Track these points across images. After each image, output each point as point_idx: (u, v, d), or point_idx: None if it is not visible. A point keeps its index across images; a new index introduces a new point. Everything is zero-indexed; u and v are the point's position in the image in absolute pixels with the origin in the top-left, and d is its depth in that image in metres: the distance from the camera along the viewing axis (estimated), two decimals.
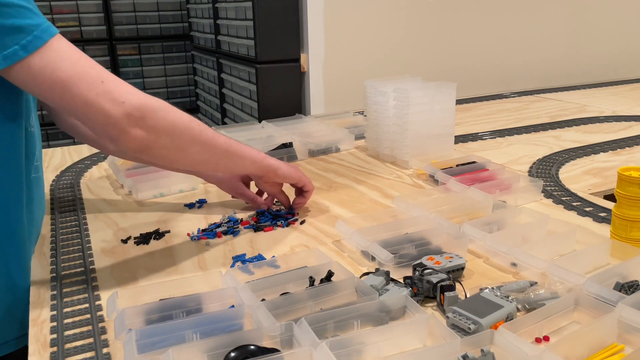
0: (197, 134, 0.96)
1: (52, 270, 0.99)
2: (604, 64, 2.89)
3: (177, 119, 0.93)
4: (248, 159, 1.08)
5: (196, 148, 0.97)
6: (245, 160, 1.08)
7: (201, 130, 0.97)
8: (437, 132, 1.53)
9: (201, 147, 0.98)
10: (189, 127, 0.94)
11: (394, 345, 0.73)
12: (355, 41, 2.25)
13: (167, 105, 0.92)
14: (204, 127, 0.98)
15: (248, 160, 1.09)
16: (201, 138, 0.97)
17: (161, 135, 0.90)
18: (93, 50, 3.08)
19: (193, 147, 0.96)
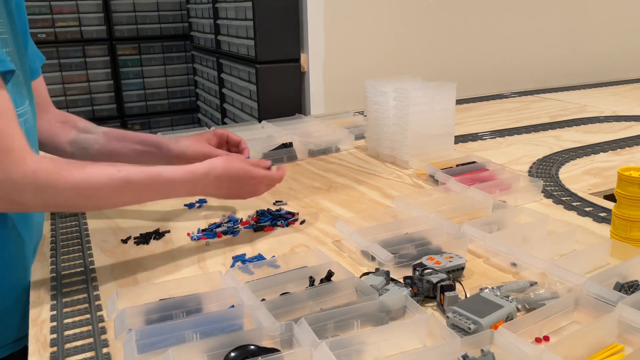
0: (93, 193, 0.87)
1: (52, 270, 0.99)
2: (604, 64, 2.89)
3: (66, 190, 0.84)
4: (178, 184, 0.97)
5: (109, 200, 0.91)
6: (176, 187, 0.98)
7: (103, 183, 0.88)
8: (437, 132, 1.53)
9: (115, 196, 0.90)
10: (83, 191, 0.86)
11: (394, 345, 0.73)
12: (355, 41, 2.25)
13: (56, 176, 0.83)
14: (117, 189, 0.89)
15: (178, 185, 0.98)
16: (107, 190, 0.88)
17: (57, 202, 0.86)
18: (93, 50, 3.08)
19: (103, 200, 0.90)
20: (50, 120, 1.18)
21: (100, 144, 1.18)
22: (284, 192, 1.34)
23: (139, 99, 3.24)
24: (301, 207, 1.25)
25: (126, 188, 0.90)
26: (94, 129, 1.19)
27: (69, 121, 1.19)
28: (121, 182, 0.89)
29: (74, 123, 1.19)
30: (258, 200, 1.29)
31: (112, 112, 3.20)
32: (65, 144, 1.18)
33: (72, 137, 1.18)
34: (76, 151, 1.18)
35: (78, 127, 1.19)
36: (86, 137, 1.18)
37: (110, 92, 3.17)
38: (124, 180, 0.89)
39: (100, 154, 1.19)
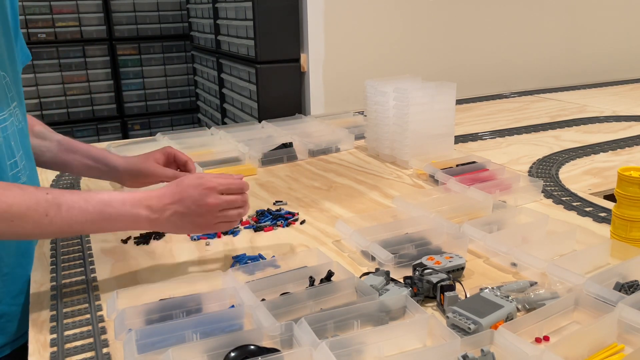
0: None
1: (52, 270, 0.99)
2: (604, 64, 2.89)
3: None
4: (125, 224, 0.88)
5: (35, 226, 0.81)
6: (121, 227, 0.88)
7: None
8: (437, 132, 1.53)
9: (42, 221, 0.81)
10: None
11: (394, 345, 0.73)
12: (355, 41, 2.25)
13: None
14: (42, 212, 0.80)
15: (125, 226, 0.88)
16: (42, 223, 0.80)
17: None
18: (93, 50, 3.08)
19: (29, 227, 0.80)
20: None
21: (52, 153, 1.15)
22: (284, 192, 1.34)
23: (139, 99, 3.24)
24: (301, 207, 1.25)
25: (55, 211, 0.81)
26: (48, 136, 1.15)
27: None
28: (49, 205, 0.80)
29: (30, 126, 1.13)
30: (258, 200, 1.29)
31: (112, 112, 3.20)
32: None
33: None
34: None
35: (33, 131, 1.14)
36: (39, 143, 1.14)
37: (110, 92, 3.17)
38: (53, 202, 0.81)
39: (51, 162, 1.16)
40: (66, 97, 3.08)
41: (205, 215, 0.90)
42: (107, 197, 0.86)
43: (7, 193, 0.79)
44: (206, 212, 0.90)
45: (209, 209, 0.90)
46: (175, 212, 0.89)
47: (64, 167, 1.18)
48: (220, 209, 0.91)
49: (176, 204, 0.89)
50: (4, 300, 0.96)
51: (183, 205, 0.89)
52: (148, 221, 0.88)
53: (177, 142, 1.67)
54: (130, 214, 0.86)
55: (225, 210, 0.92)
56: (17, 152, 0.99)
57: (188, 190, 0.90)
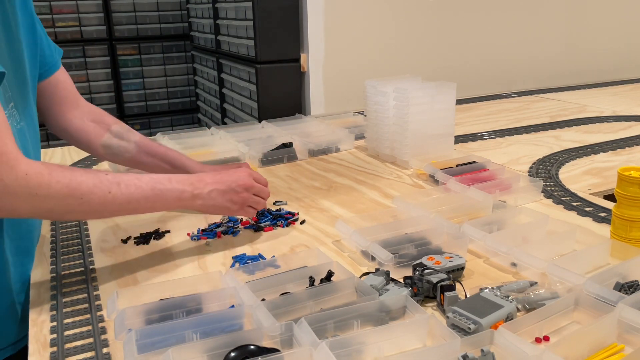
0: (95, 202, 0.86)
1: (52, 270, 0.99)
2: (604, 64, 2.89)
3: (60, 193, 0.83)
4: (172, 200, 0.96)
5: (100, 203, 0.87)
6: (170, 203, 0.97)
7: (103, 194, 0.87)
8: (437, 132, 1.53)
9: (105, 199, 0.87)
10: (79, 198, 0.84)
11: (394, 345, 0.73)
12: (355, 41, 2.25)
13: (50, 179, 0.82)
14: (106, 189, 0.87)
15: (172, 202, 0.97)
16: (102, 202, 0.87)
17: (48, 207, 0.83)
18: (93, 50, 3.08)
19: (95, 204, 0.87)
20: (81, 117, 1.18)
21: (130, 154, 1.19)
22: (284, 192, 1.34)
23: (139, 99, 3.24)
24: (301, 207, 1.25)
25: (116, 188, 0.88)
26: (126, 135, 1.19)
27: (102, 122, 1.19)
28: (110, 183, 0.87)
29: (107, 125, 1.19)
30: None
31: (112, 112, 3.18)
32: (98, 146, 1.18)
33: (105, 140, 1.18)
34: (108, 155, 1.20)
35: (111, 131, 1.18)
36: (119, 143, 1.18)
37: (110, 92, 3.17)
38: (113, 181, 0.88)
39: (129, 162, 1.21)
40: None
41: (241, 194, 1.03)
42: (155, 176, 0.96)
43: (75, 173, 0.85)
44: (243, 190, 1.03)
45: (246, 187, 1.04)
46: (215, 189, 1.00)
47: (142, 168, 1.21)
48: (254, 191, 1.05)
49: (216, 182, 1.01)
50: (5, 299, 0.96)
51: (223, 184, 1.02)
52: (192, 196, 0.98)
53: (177, 142, 1.67)
54: (177, 189, 0.96)
55: (256, 196, 1.06)
56: (32, 144, 1.01)
57: (228, 172, 1.04)
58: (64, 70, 1.17)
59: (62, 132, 1.18)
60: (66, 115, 1.17)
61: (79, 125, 1.17)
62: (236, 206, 1.03)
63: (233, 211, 1.04)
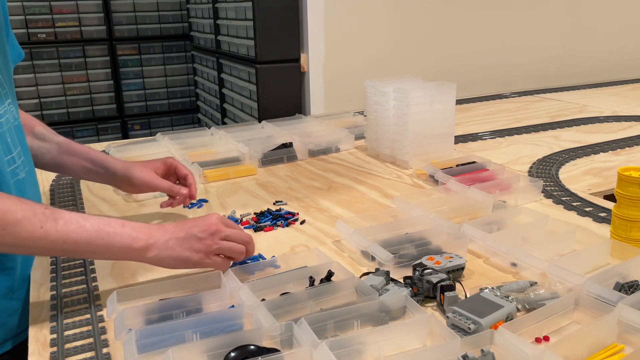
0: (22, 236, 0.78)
1: (52, 270, 0.99)
2: (604, 64, 2.89)
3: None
4: (120, 248, 0.85)
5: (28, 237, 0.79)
6: (116, 251, 0.85)
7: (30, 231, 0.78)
8: (437, 132, 1.53)
9: (36, 232, 0.79)
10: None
11: (394, 345, 0.73)
12: (355, 41, 2.25)
13: None
14: (38, 223, 0.78)
15: (120, 251, 0.85)
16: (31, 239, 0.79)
17: None
18: (93, 50, 3.08)
19: (21, 235, 0.78)
20: None
21: (52, 155, 1.16)
22: (284, 192, 1.34)
23: (139, 99, 3.24)
24: (301, 207, 1.25)
25: (51, 224, 0.79)
26: (49, 137, 1.16)
27: (26, 124, 1.15)
28: (45, 217, 0.79)
29: (31, 127, 1.15)
30: (258, 200, 1.29)
31: (112, 112, 3.20)
32: None
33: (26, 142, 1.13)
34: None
35: (34, 133, 1.15)
36: (40, 145, 1.15)
37: (110, 92, 3.17)
38: (51, 216, 0.80)
39: (50, 164, 1.17)
40: (66, 97, 3.08)
41: (204, 240, 0.88)
42: (107, 218, 0.86)
43: (4, 201, 0.78)
44: (207, 236, 0.88)
45: (210, 233, 0.88)
46: (173, 238, 0.87)
47: (63, 169, 1.18)
48: (222, 236, 0.89)
49: (176, 230, 0.88)
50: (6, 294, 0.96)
51: (183, 231, 0.88)
52: (145, 245, 0.85)
53: (177, 142, 1.67)
54: (128, 235, 0.84)
55: (227, 242, 0.90)
56: (15, 149, 0.99)
57: (195, 220, 0.90)
58: None
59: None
60: None
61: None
62: (198, 255, 0.88)
63: (196, 262, 0.89)
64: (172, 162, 1.18)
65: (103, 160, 1.16)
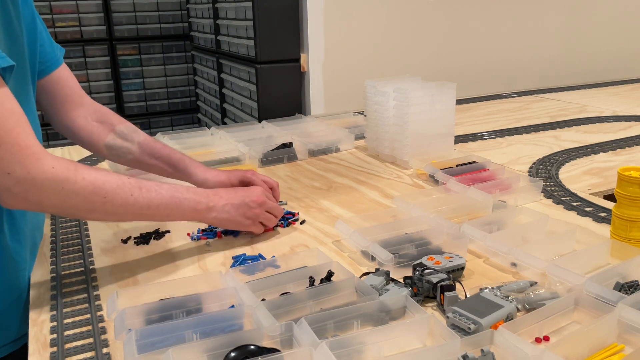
0: (113, 205, 0.88)
1: (52, 270, 0.99)
2: (604, 64, 2.89)
3: (77, 195, 0.84)
4: (188, 210, 0.99)
5: (121, 205, 0.89)
6: (185, 212, 0.99)
7: (122, 199, 0.89)
8: (437, 132, 1.53)
9: (126, 201, 0.90)
10: (99, 201, 0.86)
11: (394, 345, 0.73)
12: (355, 41, 2.25)
13: (74, 178, 0.84)
14: (128, 191, 0.89)
15: (188, 212, 0.99)
16: (120, 206, 0.89)
17: (72, 203, 0.85)
18: (93, 50, 3.08)
19: (117, 204, 0.89)
20: (85, 116, 1.17)
21: (134, 156, 1.18)
22: (284, 192, 1.34)
23: (139, 99, 3.24)
24: (301, 207, 1.25)
25: (138, 192, 0.90)
26: (130, 136, 1.18)
27: (107, 121, 1.18)
28: (132, 186, 0.90)
29: (112, 125, 1.18)
30: None
31: None
32: (101, 146, 1.17)
33: (108, 141, 1.17)
34: (111, 156, 1.19)
35: (115, 131, 1.17)
36: (122, 144, 1.17)
37: (110, 92, 3.17)
38: (135, 185, 0.90)
39: (132, 163, 1.20)
40: None
41: (254, 209, 1.05)
42: (174, 185, 0.99)
43: (100, 172, 0.87)
44: (257, 206, 1.06)
45: (259, 204, 1.06)
46: (229, 203, 1.03)
47: (145, 169, 1.21)
48: (266, 208, 1.08)
49: (231, 197, 1.04)
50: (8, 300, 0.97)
51: (237, 198, 1.04)
52: (206, 207, 1.00)
53: (177, 142, 1.67)
54: (193, 200, 0.98)
55: (268, 213, 1.08)
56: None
57: (242, 188, 1.08)
58: (66, 68, 1.16)
59: (66, 130, 1.18)
60: (69, 114, 1.16)
61: (83, 124, 1.17)
62: (249, 221, 1.06)
63: (245, 226, 1.06)
64: (249, 178, 1.17)
65: (184, 167, 1.18)
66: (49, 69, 1.11)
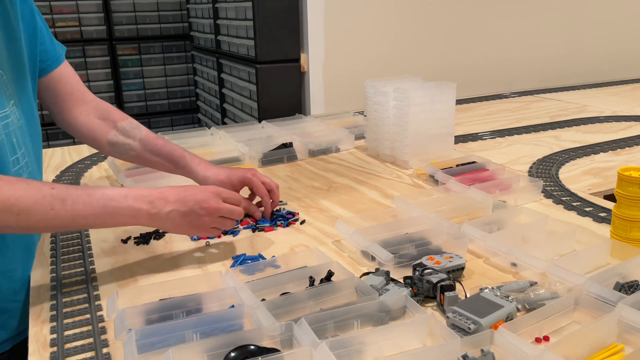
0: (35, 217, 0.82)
1: (52, 270, 0.99)
2: (604, 64, 2.89)
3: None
4: (126, 218, 0.90)
5: (41, 219, 0.83)
6: (123, 220, 0.91)
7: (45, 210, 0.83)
8: (437, 132, 1.53)
9: (47, 214, 0.83)
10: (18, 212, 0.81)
11: (394, 345, 0.73)
12: (355, 41, 2.25)
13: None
14: (48, 205, 0.83)
15: (126, 220, 0.91)
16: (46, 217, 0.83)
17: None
18: (93, 50, 3.08)
19: (34, 219, 0.83)
20: (88, 114, 1.17)
21: (135, 153, 1.17)
22: (284, 192, 1.34)
23: (139, 99, 3.24)
24: (301, 207, 1.25)
25: (60, 205, 0.83)
26: (131, 132, 1.17)
27: (109, 118, 1.18)
28: (54, 199, 0.83)
29: (114, 122, 1.17)
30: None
31: None
32: (104, 143, 1.18)
33: (111, 137, 1.17)
34: (114, 152, 1.19)
35: (117, 128, 1.17)
36: (124, 141, 1.17)
37: (110, 92, 3.17)
38: (58, 197, 0.84)
39: (135, 160, 1.20)
40: None
41: (203, 217, 0.95)
42: (109, 192, 0.90)
43: (15, 187, 0.81)
44: (207, 214, 0.95)
45: (210, 211, 0.95)
46: (175, 210, 0.93)
47: (147, 166, 1.21)
48: (220, 214, 0.97)
49: (178, 202, 0.93)
50: (6, 297, 0.97)
51: (186, 205, 0.94)
52: (148, 216, 0.91)
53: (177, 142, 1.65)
54: (132, 208, 0.90)
55: (222, 218, 0.97)
56: (19, 149, 1.00)
57: (193, 191, 0.96)
58: (68, 65, 1.17)
59: (69, 128, 1.18)
60: (72, 112, 1.16)
61: (85, 121, 1.17)
62: (197, 230, 0.97)
63: (193, 234, 1.01)
64: (249, 179, 1.14)
65: (185, 165, 1.17)
66: (50, 67, 1.11)
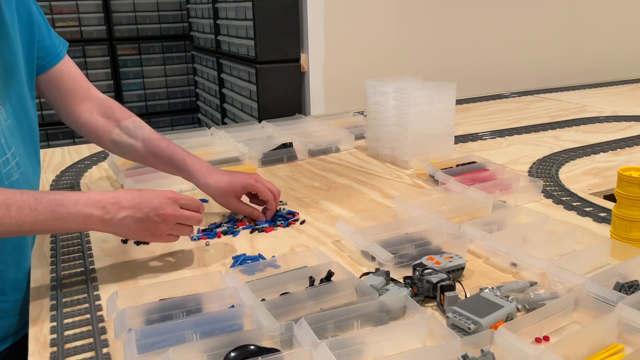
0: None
1: (52, 270, 0.99)
2: (604, 64, 2.89)
3: None
4: (77, 224, 0.88)
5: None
6: (74, 226, 0.88)
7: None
8: (437, 132, 1.53)
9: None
10: None
11: (394, 345, 0.73)
12: (355, 41, 2.25)
13: None
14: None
15: (77, 226, 0.88)
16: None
17: None
18: (93, 50, 3.08)
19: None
20: (91, 111, 1.16)
21: (138, 153, 1.17)
22: (284, 192, 1.34)
23: (139, 99, 3.24)
24: (301, 207, 1.25)
25: (4, 211, 0.81)
26: (134, 132, 1.16)
27: (112, 116, 1.17)
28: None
29: (117, 120, 1.17)
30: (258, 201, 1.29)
31: None
32: (107, 142, 1.17)
33: (114, 136, 1.16)
34: (117, 151, 1.19)
35: (120, 126, 1.16)
36: (127, 141, 1.16)
37: (110, 92, 3.17)
38: (3, 203, 0.81)
39: (137, 160, 1.21)
40: None
41: (159, 224, 0.93)
42: (59, 197, 0.87)
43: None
44: (162, 221, 0.93)
45: (165, 218, 0.93)
46: (130, 216, 0.91)
47: (151, 166, 1.21)
48: (177, 221, 0.95)
49: (133, 208, 0.91)
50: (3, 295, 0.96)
51: (141, 211, 0.91)
52: (101, 221, 0.89)
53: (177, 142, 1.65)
54: (83, 214, 0.87)
55: (179, 224, 0.96)
56: (9, 150, 0.99)
57: (149, 197, 0.93)
58: (70, 61, 1.15)
59: (73, 124, 1.18)
60: (75, 108, 1.15)
61: (88, 119, 1.16)
62: (152, 237, 0.95)
63: (149, 240, 1.00)
64: (253, 186, 1.14)
65: (186, 169, 1.16)
66: (49, 64, 1.10)
